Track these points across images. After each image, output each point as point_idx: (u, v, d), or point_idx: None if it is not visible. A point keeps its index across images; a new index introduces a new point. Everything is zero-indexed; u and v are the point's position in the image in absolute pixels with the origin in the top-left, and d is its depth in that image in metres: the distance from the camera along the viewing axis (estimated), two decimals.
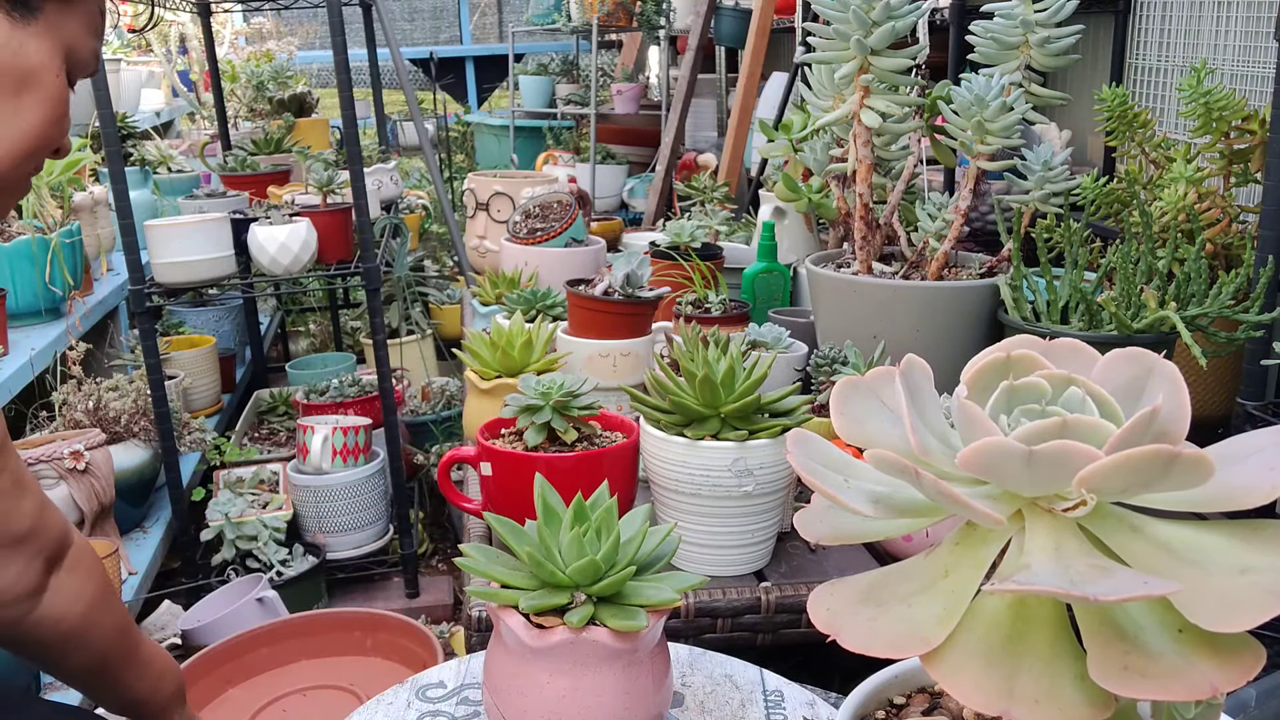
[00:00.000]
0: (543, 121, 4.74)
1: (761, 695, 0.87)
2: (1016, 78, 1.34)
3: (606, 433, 1.16)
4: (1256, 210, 1.35)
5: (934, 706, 0.64)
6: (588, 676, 0.74)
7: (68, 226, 2.02)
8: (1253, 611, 0.44)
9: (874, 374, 0.61)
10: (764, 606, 1.07)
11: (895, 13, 1.28)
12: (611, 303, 1.43)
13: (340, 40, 1.78)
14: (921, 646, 0.50)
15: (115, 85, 3.08)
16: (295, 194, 2.29)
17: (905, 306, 1.36)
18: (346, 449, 1.98)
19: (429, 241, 3.92)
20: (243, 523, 1.91)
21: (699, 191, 2.41)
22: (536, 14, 4.43)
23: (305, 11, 4.29)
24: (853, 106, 1.35)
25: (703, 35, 3.54)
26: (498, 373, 1.38)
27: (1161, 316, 1.18)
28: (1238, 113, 1.43)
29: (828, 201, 1.66)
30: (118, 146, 1.76)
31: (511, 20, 7.28)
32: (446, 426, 2.55)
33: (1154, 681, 0.45)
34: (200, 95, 4.28)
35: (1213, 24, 1.85)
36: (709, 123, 4.36)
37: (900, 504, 0.56)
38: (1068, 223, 1.34)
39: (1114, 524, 0.51)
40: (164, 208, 2.65)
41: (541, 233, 2.01)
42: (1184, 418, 0.50)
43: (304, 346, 3.51)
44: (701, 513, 1.07)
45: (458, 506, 1.21)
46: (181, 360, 2.44)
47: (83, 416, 1.86)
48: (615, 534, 0.77)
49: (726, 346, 1.12)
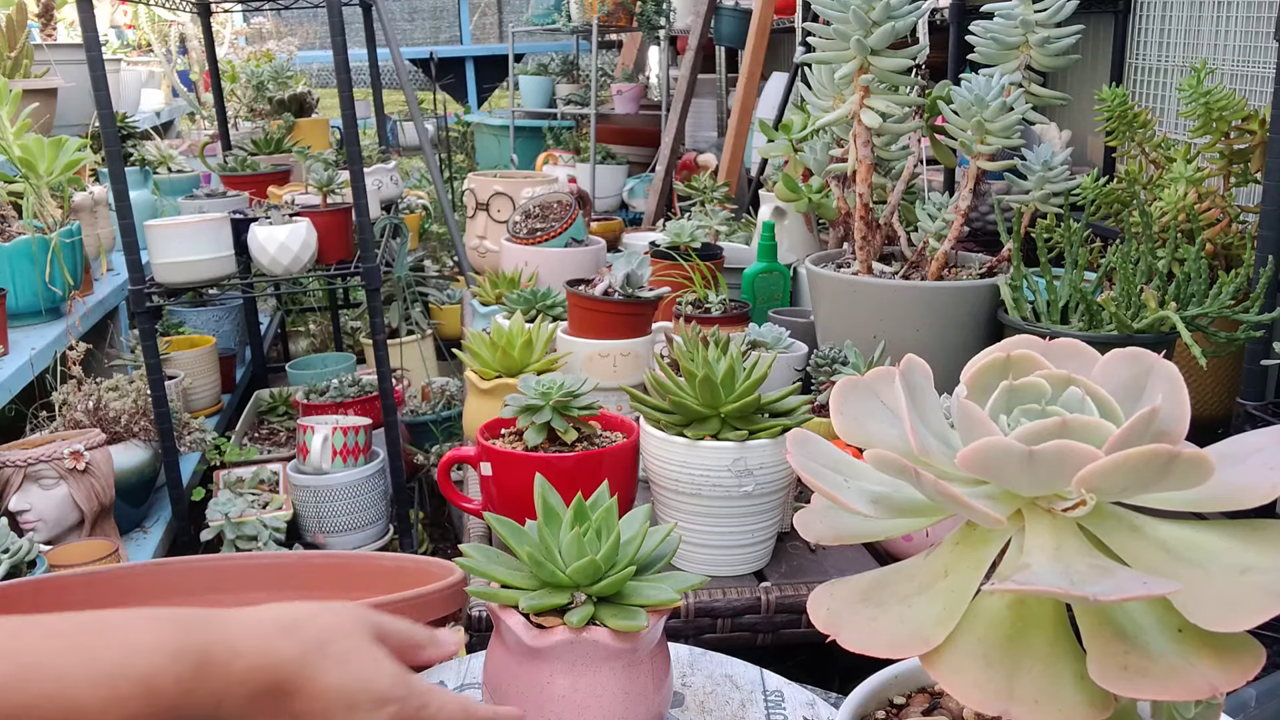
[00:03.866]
0: (543, 121, 4.74)
1: (762, 695, 0.87)
2: (1016, 78, 1.34)
3: (606, 433, 1.16)
4: (1256, 210, 1.35)
5: (934, 706, 0.64)
6: (588, 676, 0.74)
7: (68, 226, 2.02)
8: (1253, 611, 0.44)
9: (874, 374, 0.61)
10: (764, 606, 1.07)
11: (895, 13, 1.28)
12: (611, 303, 1.43)
13: (340, 40, 1.78)
14: (921, 646, 0.50)
15: (115, 85, 3.08)
16: (295, 194, 2.29)
17: (905, 306, 1.36)
18: (346, 449, 1.98)
19: (429, 241, 3.92)
20: (243, 523, 1.91)
21: (699, 191, 2.41)
22: (536, 14, 4.44)
23: (305, 11, 4.30)
24: (853, 106, 1.35)
25: (703, 35, 3.54)
26: (498, 373, 1.38)
27: (1161, 316, 1.18)
28: (1238, 113, 1.43)
29: (828, 201, 1.66)
30: (118, 146, 1.76)
31: (511, 20, 7.27)
32: (446, 426, 2.55)
33: (1154, 681, 0.45)
34: (200, 95, 4.28)
35: (1213, 24, 1.85)
36: (709, 123, 4.36)
37: (900, 504, 0.56)
38: (1068, 223, 1.35)
39: (1114, 524, 0.51)
40: (164, 208, 2.65)
41: (541, 233, 2.01)
42: (1183, 418, 0.50)
43: (304, 346, 3.51)
44: (701, 513, 1.07)
45: (458, 506, 1.21)
46: (181, 360, 2.44)
47: (83, 416, 1.86)
48: (615, 534, 0.77)
49: (726, 346, 1.12)
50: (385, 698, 0.60)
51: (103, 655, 0.53)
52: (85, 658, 0.52)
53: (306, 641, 0.59)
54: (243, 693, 0.57)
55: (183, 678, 0.54)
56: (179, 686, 0.54)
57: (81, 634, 0.53)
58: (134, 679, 0.53)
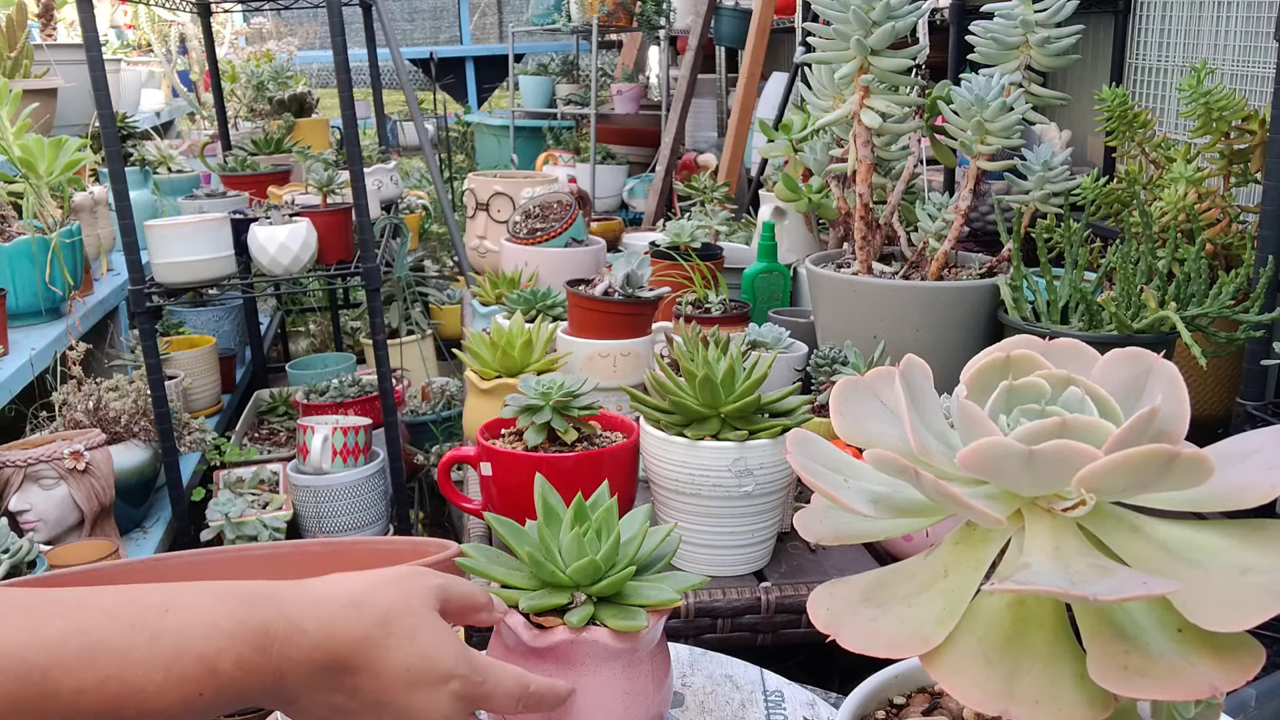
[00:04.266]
0: (543, 121, 4.74)
1: (762, 695, 0.87)
2: (1016, 78, 1.34)
3: (606, 433, 1.16)
4: (1256, 210, 1.35)
5: (934, 706, 0.64)
6: (588, 676, 0.74)
7: (68, 226, 2.02)
8: (1253, 611, 0.44)
9: (874, 374, 0.61)
10: (764, 606, 1.07)
11: (895, 13, 1.28)
12: (611, 303, 1.43)
13: (340, 40, 1.78)
14: (921, 646, 0.50)
15: (115, 85, 3.08)
16: (295, 194, 2.29)
17: (905, 306, 1.36)
18: (346, 449, 1.98)
19: (429, 241, 3.92)
20: (243, 523, 1.91)
21: (699, 191, 2.41)
22: (536, 14, 4.44)
23: (305, 11, 4.30)
24: (853, 106, 1.35)
25: (703, 35, 3.54)
26: (498, 373, 1.38)
27: (1161, 316, 1.18)
28: (1238, 113, 1.43)
29: (828, 201, 1.66)
30: (118, 146, 1.76)
31: (511, 20, 7.27)
32: (446, 426, 2.56)
33: (1154, 681, 0.45)
34: (200, 95, 4.28)
35: (1213, 24, 1.85)
36: (709, 123, 4.36)
37: (900, 504, 0.56)
38: (1068, 223, 1.34)
39: (1113, 524, 0.51)
40: (164, 208, 2.65)
41: (541, 233, 2.01)
42: (1183, 417, 0.50)
43: (304, 346, 3.51)
44: (701, 513, 1.07)
45: (458, 506, 1.21)
46: (181, 360, 2.44)
47: (83, 416, 1.86)
48: (615, 534, 0.77)
49: (726, 346, 1.12)
50: (449, 674, 0.60)
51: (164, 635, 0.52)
52: (147, 637, 0.52)
53: (372, 619, 0.58)
54: (305, 670, 0.56)
55: (243, 657, 0.54)
56: (238, 666, 0.54)
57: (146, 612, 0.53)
58: (193, 658, 0.52)
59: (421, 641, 0.60)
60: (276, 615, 0.56)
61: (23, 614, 0.50)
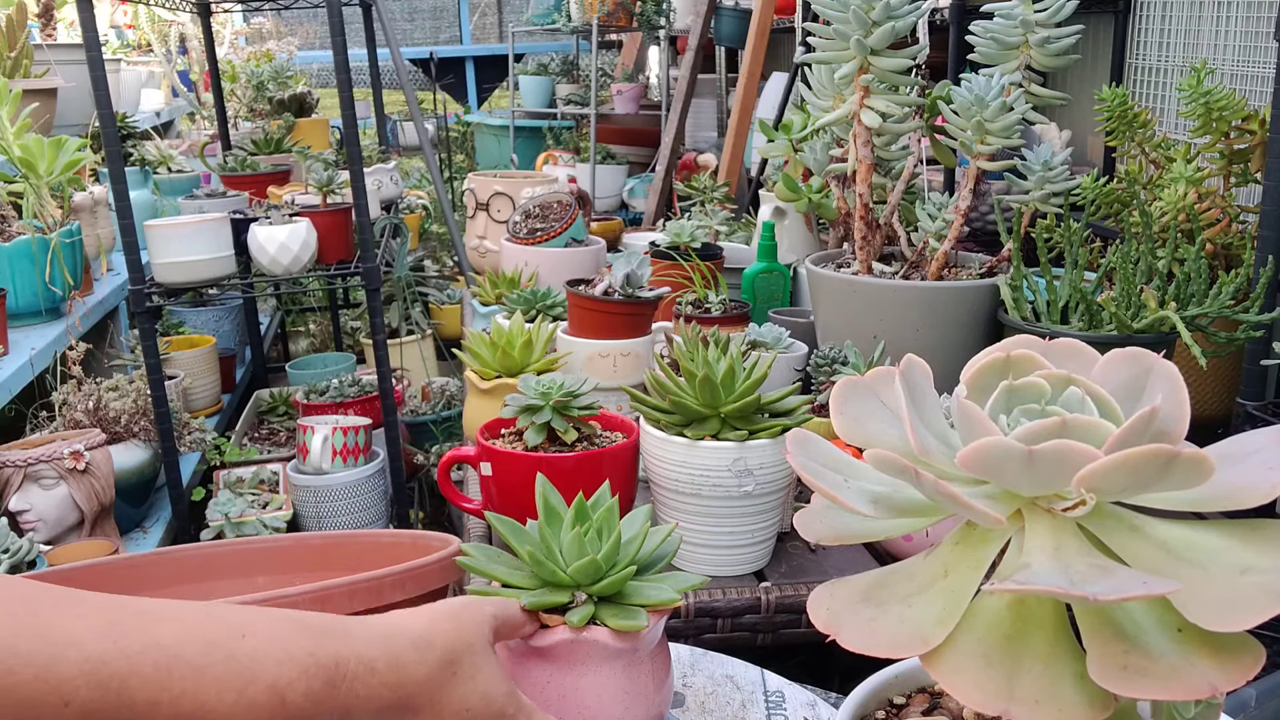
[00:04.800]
0: (543, 121, 4.74)
1: (763, 696, 0.87)
2: (1016, 78, 1.34)
3: (606, 433, 1.16)
4: (1256, 210, 1.35)
5: (934, 706, 0.64)
6: (588, 676, 0.74)
7: (68, 226, 2.02)
8: (1253, 611, 0.44)
9: (874, 374, 0.61)
10: (764, 606, 1.07)
11: (895, 13, 1.28)
12: (611, 303, 1.43)
13: (340, 40, 1.78)
14: (921, 646, 0.50)
15: (115, 85, 3.08)
16: (295, 194, 2.29)
17: (905, 306, 1.36)
18: (346, 449, 1.98)
19: (429, 241, 3.92)
20: (243, 523, 1.91)
21: (699, 191, 2.41)
22: (536, 14, 4.44)
23: (305, 11, 4.30)
24: (853, 106, 1.35)
25: (703, 35, 3.54)
26: (498, 373, 1.38)
27: (1161, 316, 1.18)
28: (1238, 113, 1.43)
29: (828, 201, 1.66)
30: (118, 146, 1.76)
31: (511, 20, 7.27)
32: (446, 426, 2.56)
33: (1154, 681, 0.45)
34: (200, 95, 4.28)
35: (1213, 24, 1.85)
36: (709, 123, 4.36)
37: (900, 504, 0.56)
38: (1068, 223, 1.35)
39: (1114, 524, 0.51)
40: (164, 208, 2.65)
41: (541, 233, 2.01)
42: (1183, 417, 0.50)
43: (304, 346, 3.51)
44: (701, 513, 1.07)
45: (458, 506, 1.21)
46: (181, 360, 2.44)
47: (83, 416, 1.86)
48: (616, 534, 0.77)
49: (726, 346, 1.12)
50: (501, 712, 0.62)
51: (238, 657, 0.53)
52: (222, 657, 0.52)
53: (438, 660, 0.60)
54: (370, 708, 0.57)
55: (312, 690, 0.54)
56: (307, 698, 0.54)
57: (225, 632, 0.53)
58: (265, 685, 0.53)
59: (481, 680, 0.62)
60: (348, 651, 0.56)
61: (107, 620, 0.51)
